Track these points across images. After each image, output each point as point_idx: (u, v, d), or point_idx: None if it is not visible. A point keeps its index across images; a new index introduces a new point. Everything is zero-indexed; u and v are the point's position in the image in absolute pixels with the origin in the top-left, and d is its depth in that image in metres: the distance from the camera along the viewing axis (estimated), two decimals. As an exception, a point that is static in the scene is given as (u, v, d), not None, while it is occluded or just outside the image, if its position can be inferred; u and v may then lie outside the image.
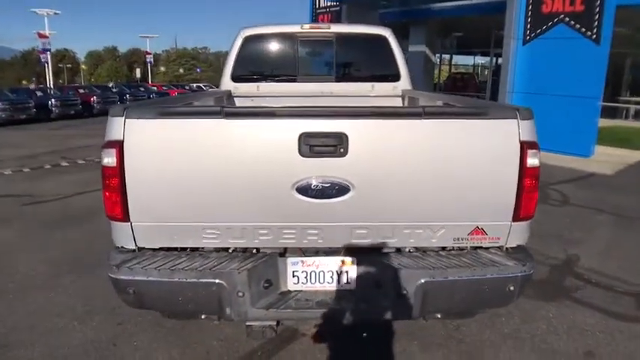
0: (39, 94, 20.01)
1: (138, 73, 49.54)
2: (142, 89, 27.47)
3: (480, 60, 28.40)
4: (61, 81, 53.56)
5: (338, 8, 16.48)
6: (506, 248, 2.17)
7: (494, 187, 2.03)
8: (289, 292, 2.16)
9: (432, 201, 2.03)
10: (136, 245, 2.11)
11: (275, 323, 2.18)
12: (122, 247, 2.14)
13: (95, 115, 20.72)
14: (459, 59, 29.25)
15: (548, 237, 4.88)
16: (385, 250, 2.15)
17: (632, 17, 10.97)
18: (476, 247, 2.16)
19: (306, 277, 2.14)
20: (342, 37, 4.46)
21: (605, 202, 6.35)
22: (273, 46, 4.50)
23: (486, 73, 24.35)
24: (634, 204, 6.32)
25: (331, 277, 2.15)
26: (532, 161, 1.98)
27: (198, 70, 66.38)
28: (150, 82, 43.71)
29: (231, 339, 2.98)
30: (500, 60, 21.23)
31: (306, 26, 4.43)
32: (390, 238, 2.08)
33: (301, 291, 2.16)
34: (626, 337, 3.05)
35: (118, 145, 1.95)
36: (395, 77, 4.49)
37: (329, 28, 4.47)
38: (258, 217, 2.02)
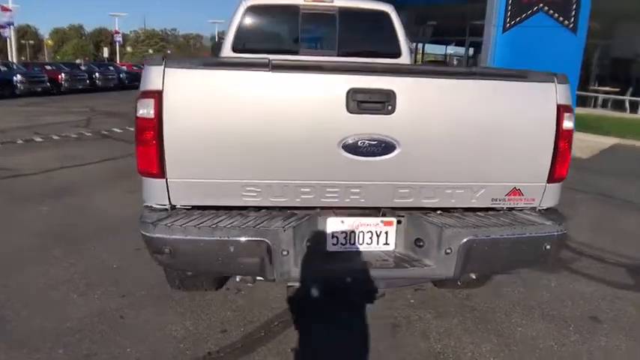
0: (2, 69, 18.94)
1: (105, 52, 47.64)
2: (111, 68, 26.43)
3: (450, 50, 28.89)
4: (23, 57, 50.93)
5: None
6: (539, 209, 2.21)
7: (531, 149, 2.07)
8: (329, 252, 2.13)
9: (473, 161, 2.04)
10: (170, 203, 2.01)
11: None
12: (155, 204, 2.04)
13: (63, 92, 19.92)
14: (430, 48, 29.57)
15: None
16: (426, 210, 2.15)
17: (601, 11, 11.34)
18: (510, 209, 2.20)
19: (345, 238, 2.12)
20: (345, 12, 4.39)
21: (585, 184, 6.58)
22: (276, 18, 4.41)
23: (455, 62, 24.90)
24: (611, 185, 6.60)
25: (370, 237, 2.13)
26: (567, 124, 2.03)
27: (168, 52, 64.62)
28: (118, 61, 42.17)
29: (245, 309, 2.94)
30: (471, 50, 21.63)
31: (310, -1, 4.34)
32: (431, 197, 2.07)
33: (341, 252, 2.14)
34: (625, 303, 3.18)
35: (157, 96, 1.84)
36: (396, 54, 4.47)
37: (332, 2, 4.39)
38: (302, 175, 1.97)
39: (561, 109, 2.01)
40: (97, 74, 23.15)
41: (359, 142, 1.91)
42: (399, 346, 2.62)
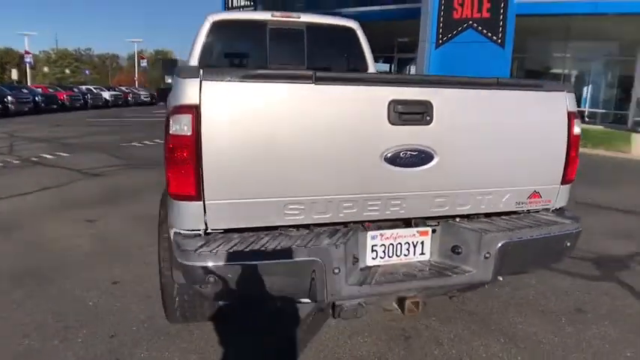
0: None
1: (14, 74, 43.81)
2: (25, 91, 24.32)
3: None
4: None
5: (253, 8, 16.33)
6: (553, 210, 2.37)
7: (549, 153, 2.23)
8: (369, 267, 2.11)
9: (502, 167, 2.16)
10: (206, 227, 1.87)
11: (364, 301, 2.10)
12: (185, 230, 1.89)
13: (-29, 119, 18.10)
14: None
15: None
16: (458, 218, 2.21)
17: (517, 28, 12.51)
18: (528, 211, 2.33)
19: (384, 251, 2.11)
20: (312, 27, 4.44)
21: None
22: (243, 34, 4.34)
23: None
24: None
25: (407, 249, 2.14)
26: (577, 129, 2.23)
27: (87, 72, 61.17)
28: (29, 83, 39.00)
29: (252, 338, 2.80)
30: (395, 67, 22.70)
31: (277, 14, 4.33)
32: (464, 204, 2.14)
33: (380, 265, 2.12)
34: (600, 293, 3.47)
35: (194, 111, 1.72)
36: (364, 69, 4.58)
37: (299, 18, 4.42)
38: (345, 189, 1.94)
39: (571, 116, 2.21)
40: (9, 97, 21.19)
41: (400, 154, 1.93)
42: (417, 356, 2.63)
